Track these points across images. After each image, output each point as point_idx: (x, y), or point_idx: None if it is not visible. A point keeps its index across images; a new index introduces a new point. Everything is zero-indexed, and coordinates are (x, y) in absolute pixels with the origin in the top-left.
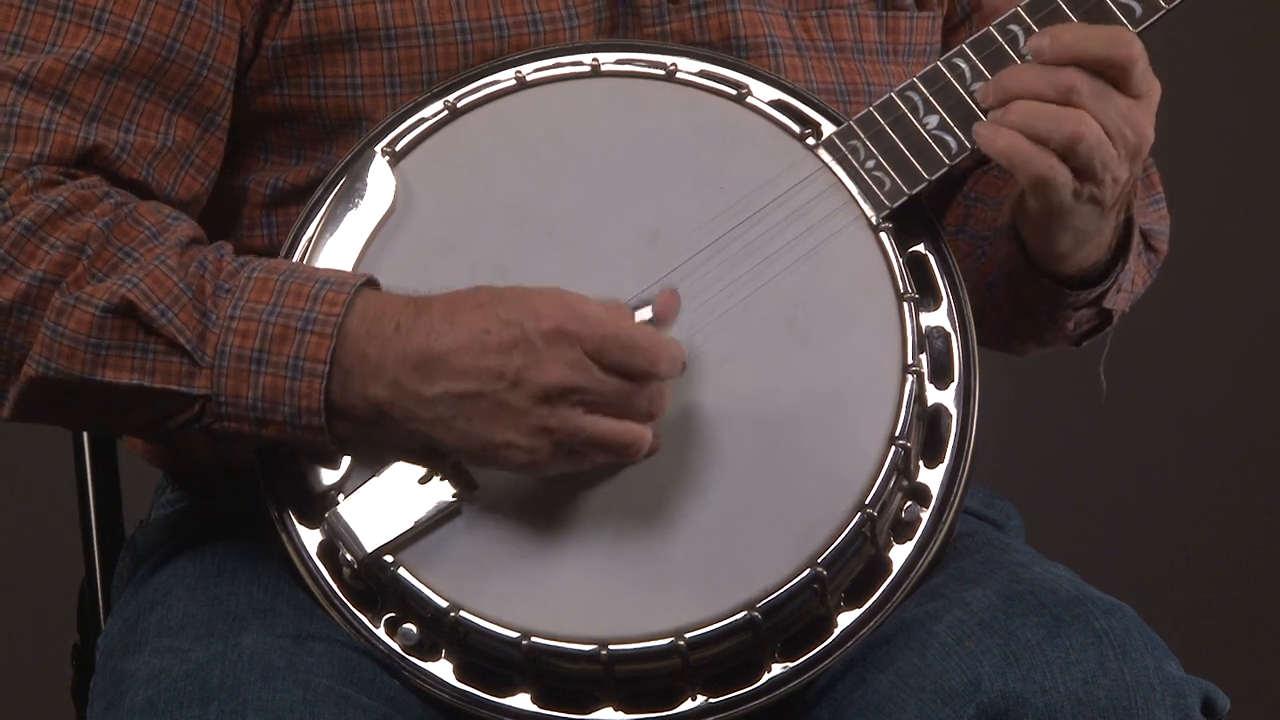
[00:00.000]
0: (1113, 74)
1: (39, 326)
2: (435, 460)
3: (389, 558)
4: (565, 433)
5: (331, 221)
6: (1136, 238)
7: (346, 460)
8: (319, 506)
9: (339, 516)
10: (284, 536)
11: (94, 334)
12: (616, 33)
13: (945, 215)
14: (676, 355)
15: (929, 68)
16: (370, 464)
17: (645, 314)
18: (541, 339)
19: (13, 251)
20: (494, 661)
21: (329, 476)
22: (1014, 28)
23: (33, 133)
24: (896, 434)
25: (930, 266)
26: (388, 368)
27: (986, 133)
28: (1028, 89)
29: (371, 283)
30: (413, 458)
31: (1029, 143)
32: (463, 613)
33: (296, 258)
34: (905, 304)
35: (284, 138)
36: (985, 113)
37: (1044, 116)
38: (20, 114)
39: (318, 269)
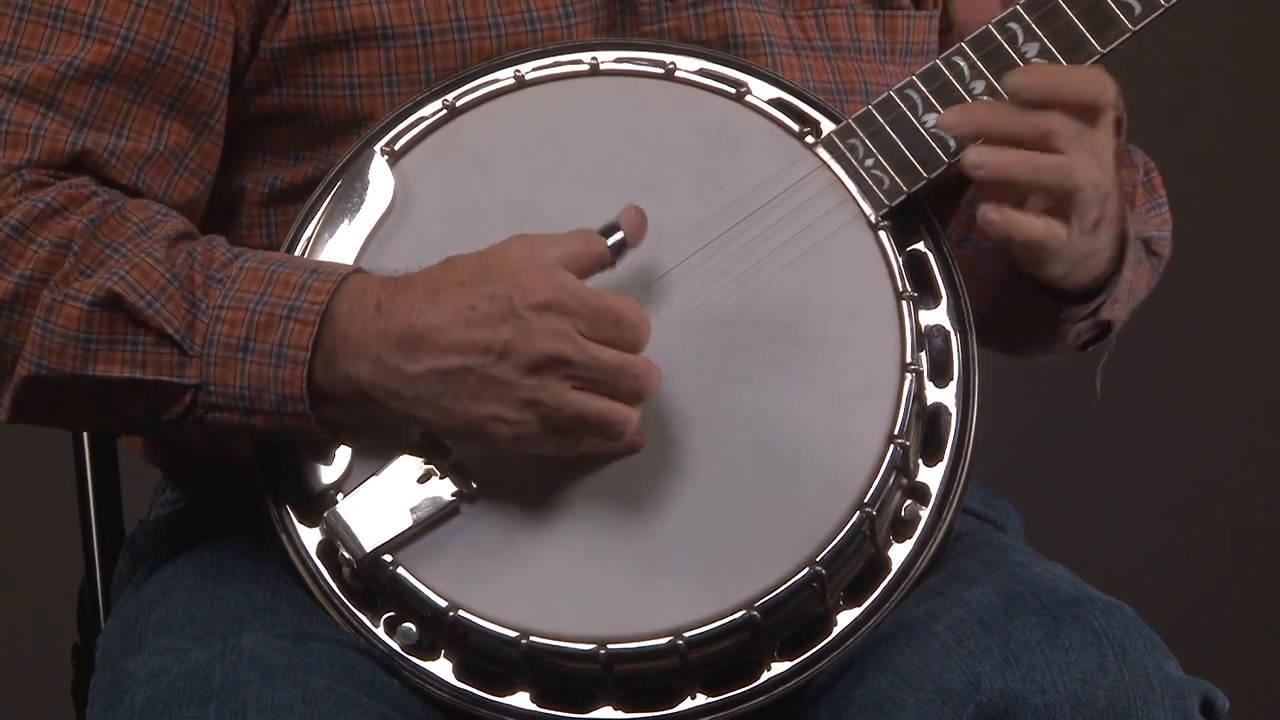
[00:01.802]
0: (1089, 115)
1: (30, 326)
2: (424, 445)
3: (388, 557)
4: (552, 406)
5: (331, 220)
6: (1132, 249)
7: (345, 459)
8: (318, 506)
9: (338, 516)
10: (283, 536)
11: (83, 329)
12: (614, 31)
13: (949, 223)
14: (649, 330)
15: (928, 66)
16: (367, 459)
17: (618, 236)
18: (530, 311)
19: (1, 252)
20: (493, 661)
21: (328, 476)
22: (1013, 26)
23: (22, 139)
24: (895, 432)
25: (929, 265)
26: (370, 346)
27: (989, 214)
28: (1008, 131)
29: (361, 273)
30: (400, 441)
31: (1020, 215)
32: (461, 612)
33: None
34: (904, 302)
35: (282, 138)
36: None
37: (1047, 170)
38: (10, 121)
39: (310, 260)
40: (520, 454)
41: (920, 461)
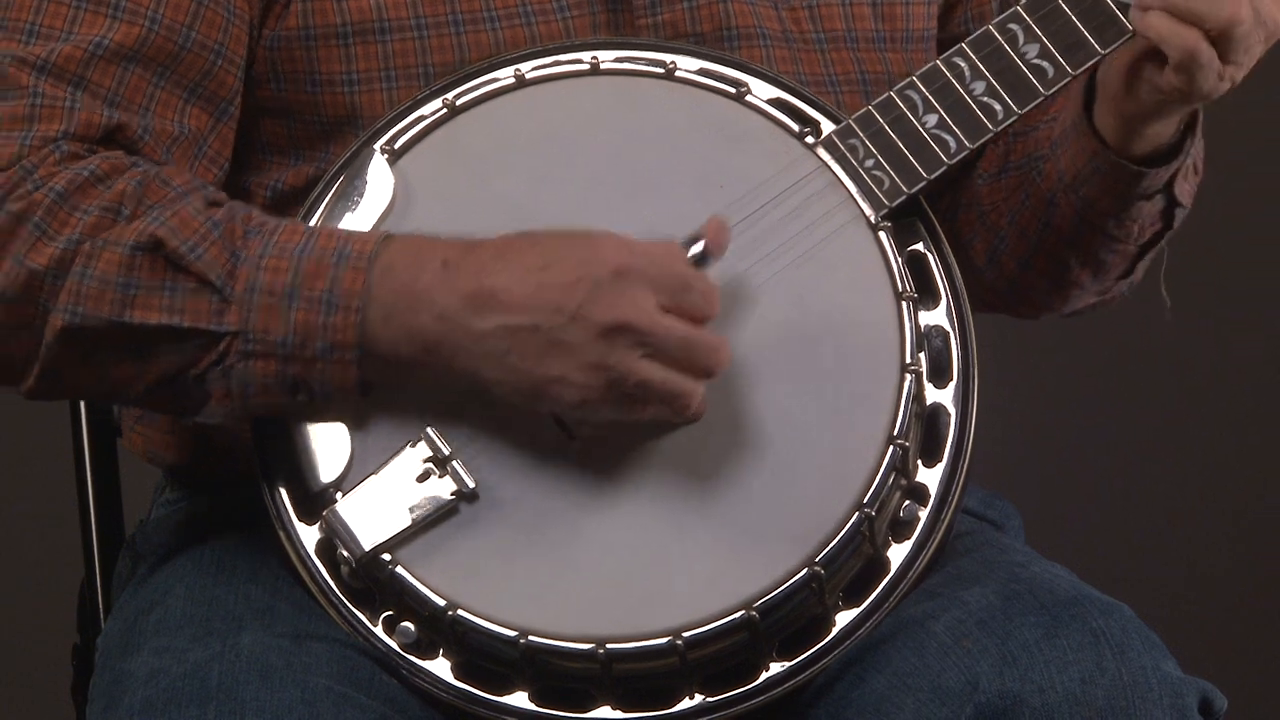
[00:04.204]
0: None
1: (67, 284)
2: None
3: (387, 556)
4: (620, 372)
5: (330, 219)
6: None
7: (346, 458)
8: (317, 505)
9: (337, 515)
10: (282, 535)
11: (123, 274)
12: (609, 24)
13: (980, 164)
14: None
15: (928, 66)
16: (367, 457)
17: (698, 248)
18: (607, 277)
19: (46, 219)
20: (492, 660)
21: (327, 474)
22: (1013, 26)
23: (57, 112)
24: (895, 433)
25: (929, 265)
26: (437, 301)
27: (1138, 12)
28: None
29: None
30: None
31: (1179, 21)
32: (460, 611)
33: None
34: (904, 303)
35: (281, 135)
36: (986, 115)
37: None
38: (43, 95)
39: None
40: (524, 454)
41: (919, 462)
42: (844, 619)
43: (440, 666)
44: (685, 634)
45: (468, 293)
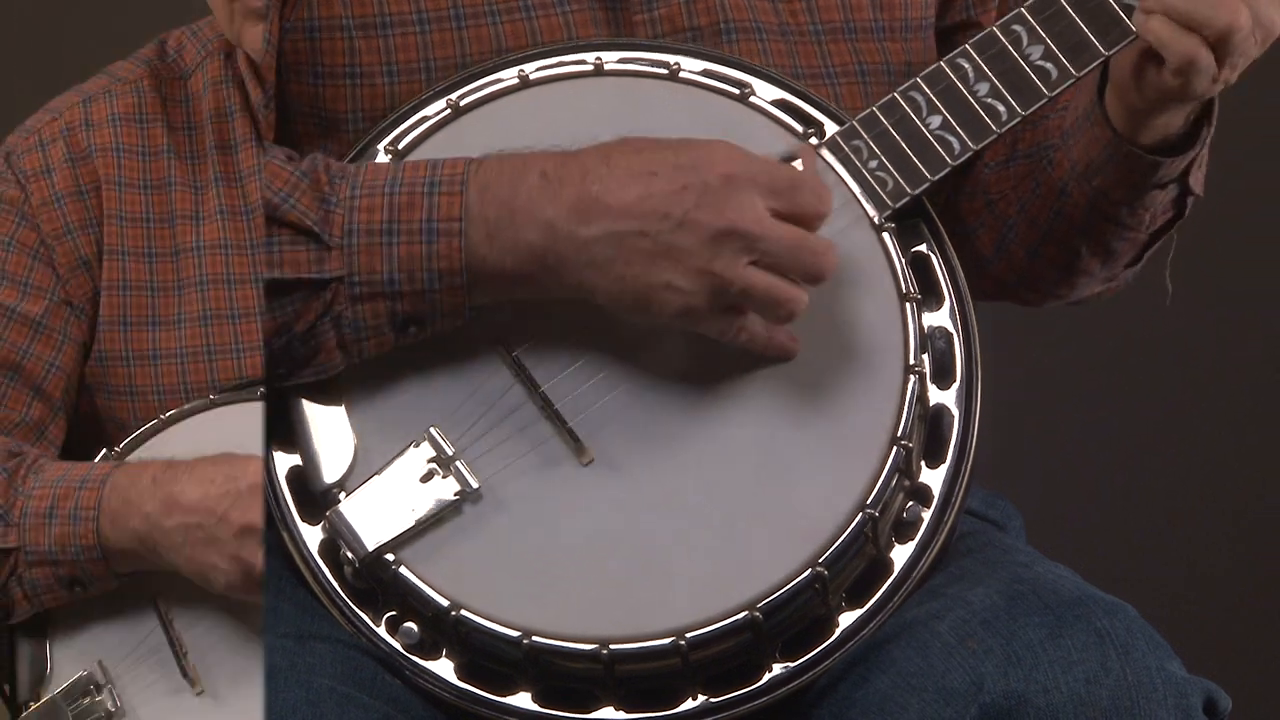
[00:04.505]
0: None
1: None
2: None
3: (390, 556)
4: (725, 279)
5: None
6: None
7: (349, 458)
8: (320, 504)
9: (340, 515)
10: (285, 535)
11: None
12: (608, 19)
13: (984, 154)
14: (830, 198)
15: (932, 68)
16: (371, 458)
17: (796, 165)
18: (717, 181)
19: None
20: (495, 660)
21: (331, 474)
22: (1017, 28)
23: None
24: (898, 434)
25: (933, 266)
26: (540, 212)
27: (1141, 15)
28: None
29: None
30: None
31: (1179, 26)
32: (463, 611)
33: None
34: (907, 304)
35: (279, 128)
36: (990, 116)
37: (1203, 4)
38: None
39: None
40: (527, 454)
41: (922, 463)
42: (847, 620)
43: (443, 667)
44: (688, 635)
45: (571, 201)
